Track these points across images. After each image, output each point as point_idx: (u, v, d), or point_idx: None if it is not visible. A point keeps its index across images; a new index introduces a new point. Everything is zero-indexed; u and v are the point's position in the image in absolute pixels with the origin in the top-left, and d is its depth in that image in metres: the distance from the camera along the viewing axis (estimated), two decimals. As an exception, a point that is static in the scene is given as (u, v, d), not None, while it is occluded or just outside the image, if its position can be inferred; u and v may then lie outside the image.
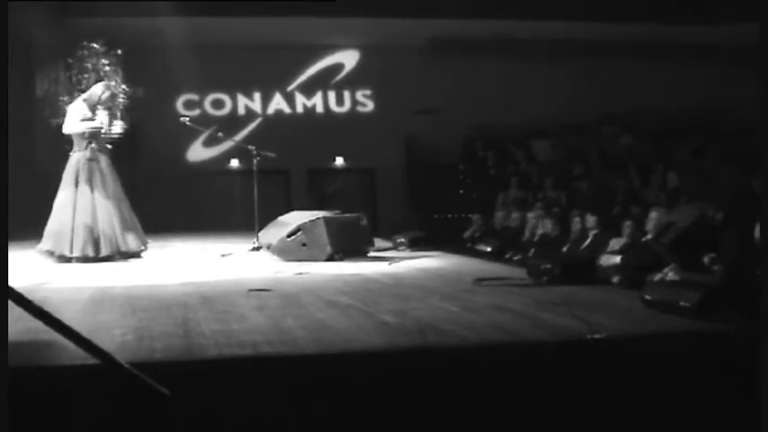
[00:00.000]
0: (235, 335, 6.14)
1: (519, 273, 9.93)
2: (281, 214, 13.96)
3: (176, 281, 9.75)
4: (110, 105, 13.21)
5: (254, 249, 13.36)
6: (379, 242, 13.96)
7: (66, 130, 12.60)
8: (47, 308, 5.54)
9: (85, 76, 19.64)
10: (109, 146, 18.87)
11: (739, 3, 20.11)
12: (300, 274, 10.26)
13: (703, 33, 22.54)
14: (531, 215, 15.67)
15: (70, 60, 19.75)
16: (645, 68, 23.61)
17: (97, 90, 12.91)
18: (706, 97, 22.77)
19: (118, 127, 13.14)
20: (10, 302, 4.94)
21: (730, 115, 21.72)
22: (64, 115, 19.24)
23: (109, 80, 19.71)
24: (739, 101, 20.51)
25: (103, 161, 12.52)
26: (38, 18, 18.46)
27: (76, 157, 12.38)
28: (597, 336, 5.81)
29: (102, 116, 12.58)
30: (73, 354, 5.02)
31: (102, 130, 12.58)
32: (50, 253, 11.94)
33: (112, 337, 6.12)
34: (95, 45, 19.65)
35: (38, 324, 4.93)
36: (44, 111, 19.45)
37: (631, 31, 22.60)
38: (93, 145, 12.43)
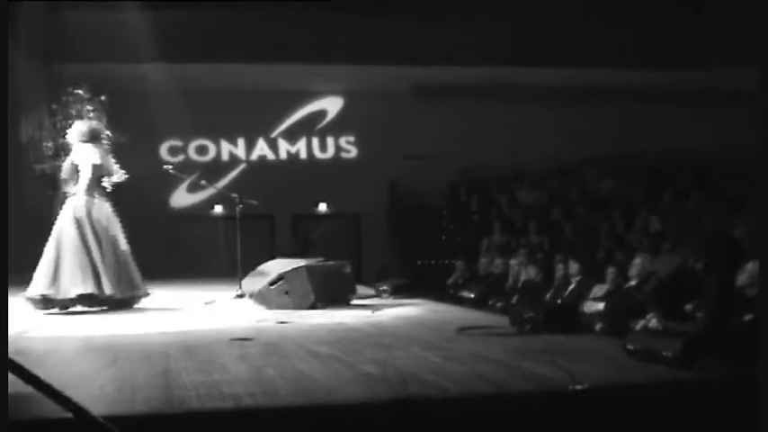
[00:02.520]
0: (216, 386, 6.09)
1: (502, 320, 9.90)
2: (265, 260, 13.95)
3: (158, 329, 9.69)
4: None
5: (237, 297, 13.32)
6: (362, 289, 13.95)
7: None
8: (28, 357, 5.53)
9: (70, 122, 19.64)
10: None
11: (723, 48, 20.34)
12: (283, 322, 10.22)
13: (688, 78, 22.72)
14: (514, 262, 15.69)
15: (55, 106, 19.80)
16: (630, 112, 23.75)
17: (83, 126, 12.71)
18: (691, 140, 22.89)
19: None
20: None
21: (715, 158, 21.87)
22: (49, 160, 19.38)
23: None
24: (724, 143, 20.67)
25: (99, 206, 12.27)
26: (23, 63, 18.50)
27: (74, 201, 12.14)
28: (580, 387, 5.79)
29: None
30: (50, 407, 4.96)
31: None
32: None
33: (93, 388, 6.06)
34: (80, 91, 19.71)
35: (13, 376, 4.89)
36: (29, 156, 19.46)
37: (616, 76, 22.79)
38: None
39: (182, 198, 23.58)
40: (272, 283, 12.12)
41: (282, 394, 5.86)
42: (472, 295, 15.18)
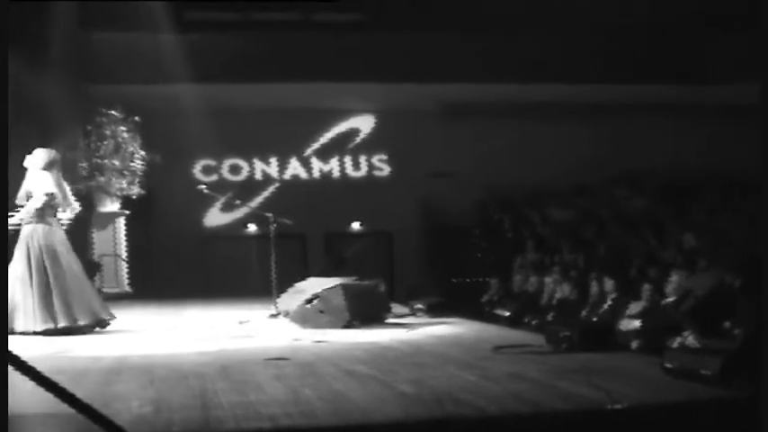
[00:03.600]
0: (252, 406, 6.10)
1: (537, 339, 9.86)
2: (299, 279, 13.94)
3: (194, 349, 9.72)
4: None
5: (272, 316, 13.33)
6: (396, 308, 13.90)
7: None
8: (63, 377, 5.54)
9: (104, 143, 19.81)
10: (132, 212, 19.03)
11: (741, 63, 20.30)
12: (318, 341, 10.22)
13: (712, 92, 22.65)
14: (548, 279, 15.64)
15: (89, 127, 19.91)
16: (657, 127, 23.67)
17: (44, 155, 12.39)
18: (716, 155, 22.80)
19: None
20: (22, 375, 4.93)
21: (742, 173, 21.76)
22: (83, 180, 19.50)
23: (127, 147, 19.92)
24: (749, 158, 20.55)
25: (53, 233, 12.04)
26: (56, 84, 18.61)
27: (28, 230, 11.96)
28: (617, 406, 5.75)
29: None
30: (89, 428, 4.98)
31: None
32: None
33: (130, 408, 6.09)
34: (113, 112, 19.84)
35: (51, 396, 4.91)
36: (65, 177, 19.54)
37: (642, 92, 22.73)
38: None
39: (215, 217, 23.66)
40: (307, 302, 12.13)
41: (319, 414, 5.87)
42: (507, 313, 15.15)
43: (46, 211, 11.87)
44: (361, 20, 21.61)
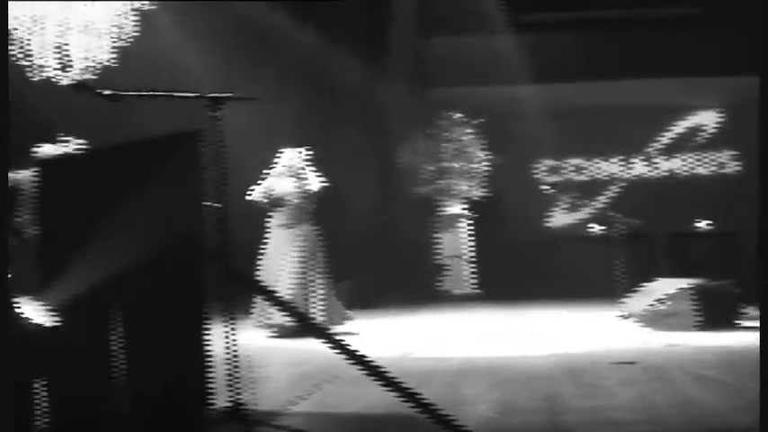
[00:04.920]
0: (601, 412, 5.99)
1: None
2: (646, 280, 13.64)
3: (539, 352, 9.68)
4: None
5: (619, 318, 13.13)
6: (750, 311, 13.38)
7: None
8: (410, 380, 5.63)
9: (445, 145, 20.14)
10: (476, 214, 19.19)
11: None
12: (668, 345, 9.96)
13: None
14: None
15: (430, 131, 20.29)
16: None
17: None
18: None
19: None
20: (370, 377, 5.03)
21: None
22: (426, 184, 19.94)
23: (469, 149, 20.17)
24: None
25: (308, 233, 12.19)
26: (397, 89, 19.09)
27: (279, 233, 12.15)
28: None
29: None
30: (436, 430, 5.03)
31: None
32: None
33: (477, 412, 6.12)
34: (456, 114, 20.13)
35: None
36: (408, 181, 20.03)
37: None
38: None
39: (559, 218, 23.57)
40: (656, 304, 11.88)
41: (668, 421, 5.71)
42: None
43: (301, 212, 12.15)
44: (700, 14, 20.93)
